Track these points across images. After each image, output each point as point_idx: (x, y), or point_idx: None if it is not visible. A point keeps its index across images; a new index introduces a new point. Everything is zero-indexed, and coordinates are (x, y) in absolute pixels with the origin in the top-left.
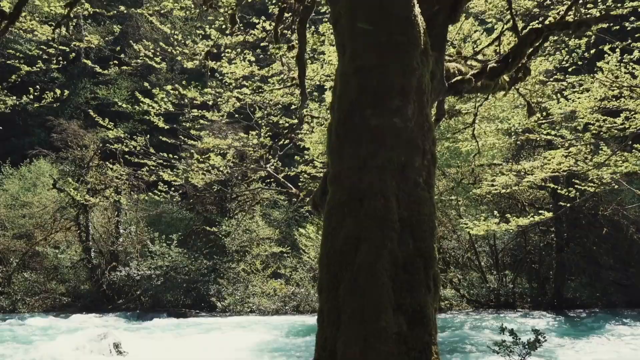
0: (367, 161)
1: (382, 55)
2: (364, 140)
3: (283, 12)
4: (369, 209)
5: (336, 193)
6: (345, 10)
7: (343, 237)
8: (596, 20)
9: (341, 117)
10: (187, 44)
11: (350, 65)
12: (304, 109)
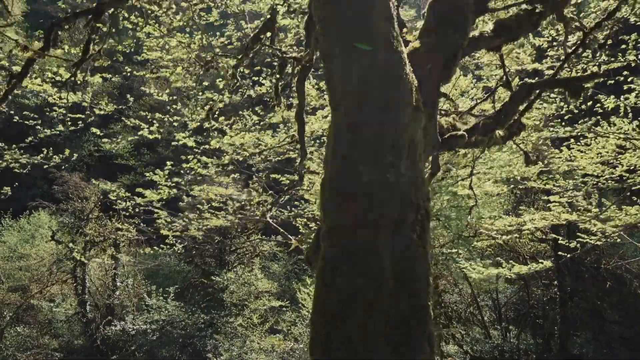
0: (360, 217)
1: (375, 112)
2: (356, 196)
3: (282, 70)
4: (362, 266)
5: (329, 249)
6: (338, 69)
7: (336, 295)
8: (587, 78)
9: (334, 172)
10: (188, 104)
11: (343, 122)
12: (303, 165)
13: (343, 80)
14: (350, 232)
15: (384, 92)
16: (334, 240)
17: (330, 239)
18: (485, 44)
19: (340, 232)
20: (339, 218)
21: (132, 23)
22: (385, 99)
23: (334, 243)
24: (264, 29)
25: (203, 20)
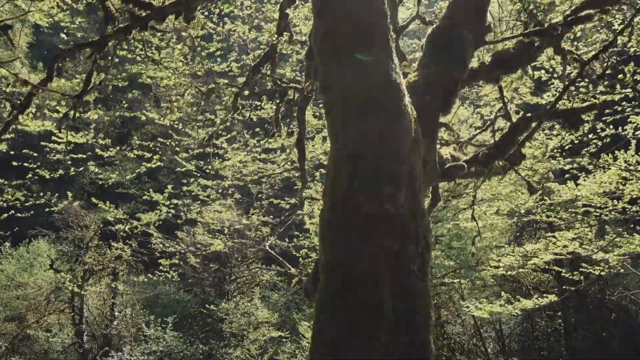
0: (359, 249)
1: (374, 143)
2: (356, 228)
3: (283, 99)
4: (362, 300)
5: (328, 282)
6: (337, 100)
7: (335, 327)
8: (585, 110)
9: (333, 203)
10: (189, 131)
11: (342, 153)
12: (304, 191)
13: (342, 112)
14: (350, 264)
15: (383, 124)
16: (333, 272)
17: (329, 271)
18: (484, 75)
19: (339, 263)
20: (337, 249)
21: (134, 53)
22: (384, 131)
23: (332, 275)
24: (265, 59)
25: (204, 51)
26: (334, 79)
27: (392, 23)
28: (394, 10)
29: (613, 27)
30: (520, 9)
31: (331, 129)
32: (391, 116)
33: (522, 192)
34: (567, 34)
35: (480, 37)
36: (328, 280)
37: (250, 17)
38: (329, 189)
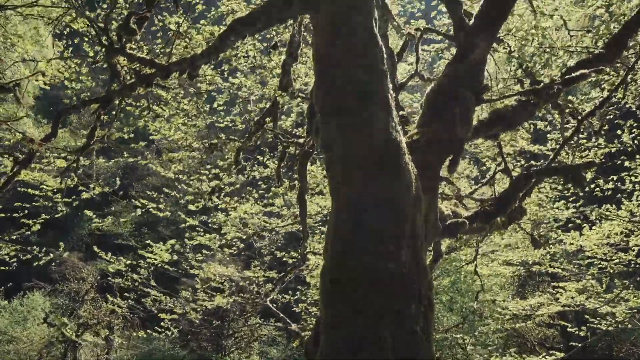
0: (361, 308)
1: (374, 201)
2: (357, 286)
3: (285, 153)
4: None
5: (329, 342)
6: (338, 158)
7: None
8: (584, 167)
9: (334, 261)
10: (191, 184)
11: (343, 211)
12: (306, 246)
13: (343, 169)
14: (351, 323)
15: (384, 182)
16: (334, 331)
17: (330, 331)
18: (483, 132)
19: (341, 323)
20: (339, 308)
21: (139, 107)
22: (384, 189)
23: (333, 334)
24: (267, 114)
25: (207, 105)
26: (335, 138)
27: (391, 81)
28: (393, 68)
29: (603, 85)
30: (516, 68)
31: (332, 187)
32: (391, 175)
33: (526, 245)
34: (563, 92)
35: (479, 95)
36: (329, 340)
37: (253, 72)
38: (330, 247)
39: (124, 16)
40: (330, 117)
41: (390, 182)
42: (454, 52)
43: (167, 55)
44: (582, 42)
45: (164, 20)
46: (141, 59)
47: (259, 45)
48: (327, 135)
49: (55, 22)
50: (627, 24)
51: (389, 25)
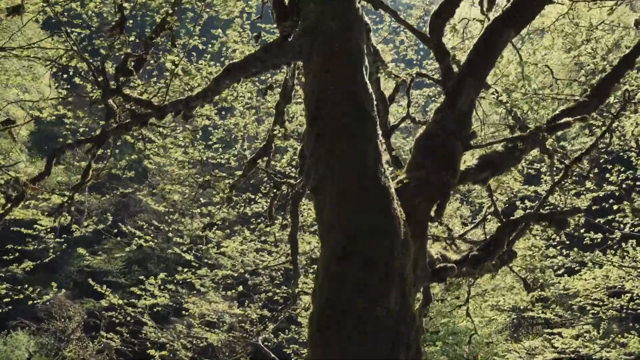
0: (348, 354)
1: (363, 245)
2: (345, 331)
3: (277, 192)
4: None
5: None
6: (328, 201)
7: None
8: (569, 213)
9: (322, 306)
10: (183, 221)
11: (332, 254)
12: (297, 285)
13: (332, 213)
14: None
15: (373, 228)
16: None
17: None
18: (472, 178)
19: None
20: (326, 354)
21: (134, 144)
22: (373, 233)
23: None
24: (261, 153)
25: (202, 143)
26: (325, 181)
27: (383, 124)
28: (385, 111)
29: (593, 130)
30: (504, 117)
31: (321, 230)
32: (381, 219)
33: (519, 288)
34: (548, 139)
35: (467, 141)
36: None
37: (249, 110)
38: (319, 290)
39: (122, 57)
40: (320, 161)
41: (378, 227)
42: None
43: (164, 94)
44: (569, 87)
45: (159, 60)
46: (137, 99)
47: (253, 86)
48: (317, 179)
49: (53, 63)
50: (609, 75)
51: (380, 71)
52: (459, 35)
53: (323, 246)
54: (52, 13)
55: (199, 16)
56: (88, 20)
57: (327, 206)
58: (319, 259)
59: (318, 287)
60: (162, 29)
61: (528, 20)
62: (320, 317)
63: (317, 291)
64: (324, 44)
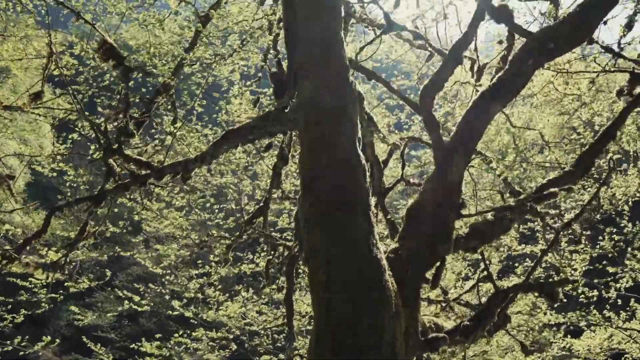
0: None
1: (355, 315)
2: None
3: (273, 253)
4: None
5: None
6: (321, 270)
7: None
8: (559, 283)
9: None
10: (180, 282)
11: (325, 320)
12: (292, 349)
13: (325, 282)
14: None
15: (364, 297)
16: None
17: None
18: (462, 246)
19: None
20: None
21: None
22: (364, 304)
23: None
24: (257, 213)
25: (198, 205)
26: (318, 249)
27: (377, 186)
28: (380, 174)
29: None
30: (493, 187)
31: (314, 298)
32: (372, 291)
33: (517, 349)
34: (535, 208)
35: (457, 210)
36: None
37: (246, 170)
38: (313, 355)
39: (123, 106)
40: (314, 227)
41: (370, 298)
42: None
43: (163, 154)
44: (557, 153)
45: (160, 120)
46: (137, 160)
47: (252, 145)
48: (311, 246)
49: (57, 121)
50: (592, 146)
51: (374, 136)
52: (450, 104)
53: (316, 313)
54: (59, 72)
55: (199, 84)
56: (91, 78)
57: (320, 275)
58: (312, 328)
59: (312, 352)
60: (164, 90)
61: (514, 93)
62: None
63: (312, 355)
64: (318, 118)
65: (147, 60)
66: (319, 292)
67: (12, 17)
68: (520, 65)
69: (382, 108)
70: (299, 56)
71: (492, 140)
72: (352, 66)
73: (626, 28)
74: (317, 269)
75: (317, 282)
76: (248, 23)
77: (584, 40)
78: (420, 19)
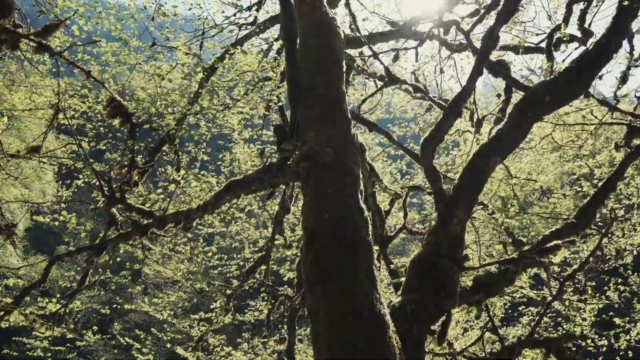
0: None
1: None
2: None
3: (274, 304)
4: None
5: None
6: (324, 326)
7: None
8: (565, 339)
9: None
10: (182, 329)
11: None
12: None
13: (328, 338)
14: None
15: (368, 354)
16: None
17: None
18: (466, 299)
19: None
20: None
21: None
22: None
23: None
24: (259, 262)
25: (201, 253)
26: (320, 312)
27: (380, 235)
28: (382, 224)
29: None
30: (496, 239)
31: (317, 354)
32: (376, 348)
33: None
34: (539, 261)
35: (460, 263)
36: None
37: (248, 216)
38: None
39: (128, 163)
40: (316, 285)
41: (374, 355)
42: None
43: (165, 201)
44: (558, 201)
45: (164, 169)
46: (140, 209)
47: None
48: (314, 302)
49: (63, 168)
50: (593, 199)
51: (376, 186)
52: (451, 153)
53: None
54: (66, 122)
55: (202, 134)
56: (98, 127)
57: (323, 331)
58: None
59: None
60: (168, 140)
61: (513, 147)
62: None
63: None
64: (320, 171)
65: (154, 109)
66: (322, 351)
67: (27, 66)
68: (519, 119)
69: (385, 156)
70: (302, 109)
71: (493, 192)
72: (353, 118)
73: (621, 82)
74: (319, 332)
75: (320, 343)
76: (253, 74)
77: (580, 94)
78: (421, 72)
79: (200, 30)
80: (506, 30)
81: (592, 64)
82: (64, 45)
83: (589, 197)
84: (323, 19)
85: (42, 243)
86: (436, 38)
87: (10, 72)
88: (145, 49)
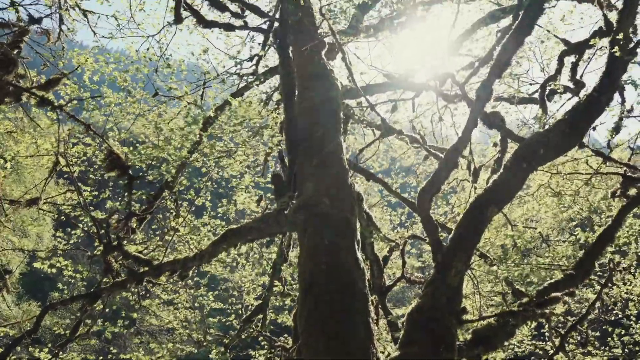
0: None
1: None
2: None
3: (272, 354)
4: None
5: None
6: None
7: None
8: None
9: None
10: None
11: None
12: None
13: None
14: None
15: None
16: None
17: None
18: (465, 353)
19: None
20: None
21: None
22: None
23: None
24: (257, 311)
25: (198, 302)
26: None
27: (379, 284)
28: (380, 273)
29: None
30: (498, 290)
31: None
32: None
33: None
34: (539, 313)
35: (458, 316)
36: None
37: (247, 260)
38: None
39: (125, 216)
40: (312, 339)
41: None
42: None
43: (163, 250)
44: (557, 249)
45: (163, 216)
46: (136, 257)
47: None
48: (312, 355)
49: (62, 215)
50: (591, 250)
51: (374, 235)
52: (449, 203)
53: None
54: (67, 169)
55: (199, 185)
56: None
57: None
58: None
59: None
60: (167, 188)
61: (510, 197)
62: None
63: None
64: (317, 224)
65: (155, 153)
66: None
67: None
68: (514, 170)
69: (385, 204)
70: (299, 159)
71: (492, 242)
72: (351, 167)
73: (614, 131)
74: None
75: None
76: (252, 122)
77: (574, 146)
78: (419, 122)
79: (202, 80)
80: (500, 82)
81: (585, 116)
82: (73, 92)
83: (587, 244)
84: (321, 70)
85: (37, 289)
86: (432, 89)
87: (16, 118)
88: (151, 100)
